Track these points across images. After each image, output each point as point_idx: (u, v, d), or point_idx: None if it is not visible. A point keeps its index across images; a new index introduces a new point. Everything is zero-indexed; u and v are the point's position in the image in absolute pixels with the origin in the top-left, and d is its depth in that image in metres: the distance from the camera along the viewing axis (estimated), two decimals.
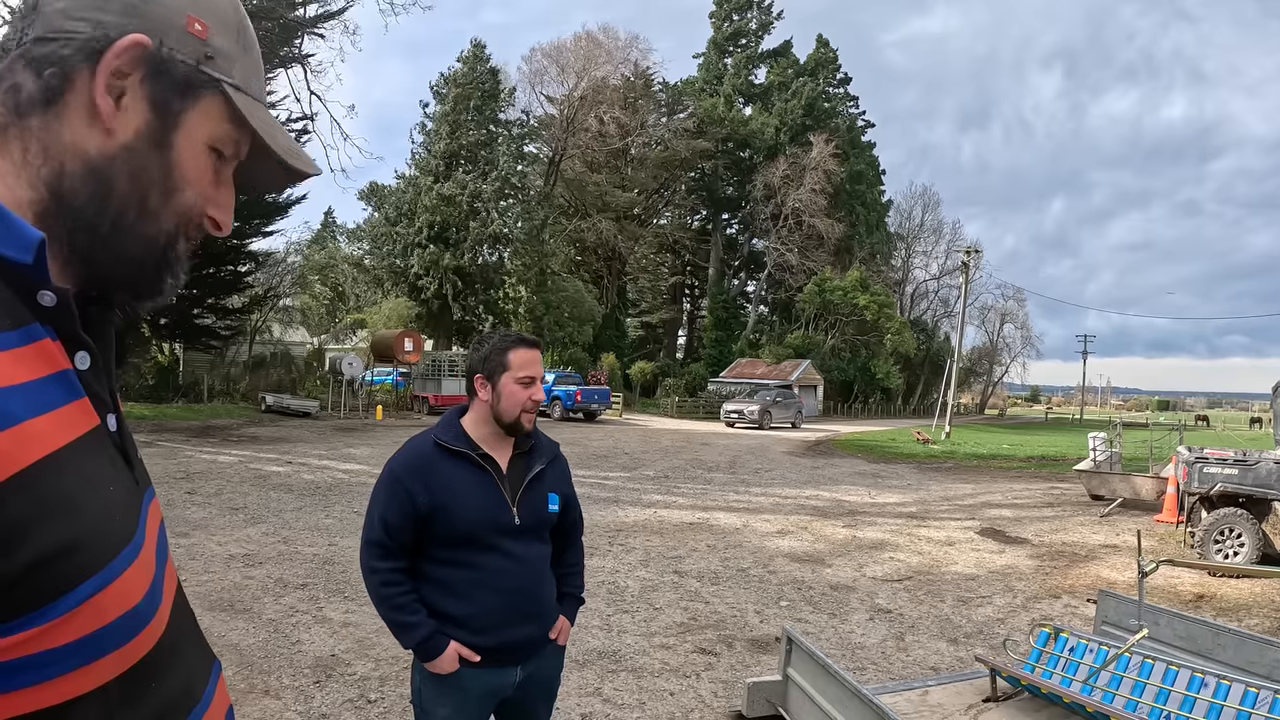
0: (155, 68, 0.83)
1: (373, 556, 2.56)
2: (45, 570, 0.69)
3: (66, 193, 0.80)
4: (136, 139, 0.83)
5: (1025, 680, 3.75)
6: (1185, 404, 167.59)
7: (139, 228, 0.85)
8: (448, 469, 2.56)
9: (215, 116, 0.89)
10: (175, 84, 0.85)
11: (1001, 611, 7.68)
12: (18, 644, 0.68)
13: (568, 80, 56.49)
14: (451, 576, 2.55)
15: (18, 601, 0.68)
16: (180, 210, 0.88)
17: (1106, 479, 15.18)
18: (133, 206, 0.84)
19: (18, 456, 0.68)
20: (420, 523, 2.52)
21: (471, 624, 2.53)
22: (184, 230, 0.90)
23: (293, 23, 29.02)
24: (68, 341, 0.80)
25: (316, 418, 29.79)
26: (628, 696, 5.26)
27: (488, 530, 2.55)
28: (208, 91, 0.87)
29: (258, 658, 5.61)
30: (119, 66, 0.81)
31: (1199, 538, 10.09)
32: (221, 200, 0.93)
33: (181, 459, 16.40)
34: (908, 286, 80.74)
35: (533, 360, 2.63)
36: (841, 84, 73.34)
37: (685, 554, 9.56)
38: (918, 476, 19.97)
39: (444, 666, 2.50)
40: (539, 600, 2.67)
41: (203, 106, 0.87)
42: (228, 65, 0.89)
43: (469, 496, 2.54)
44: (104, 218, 0.82)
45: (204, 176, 0.90)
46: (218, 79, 0.88)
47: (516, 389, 2.59)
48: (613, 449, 23.47)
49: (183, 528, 9.49)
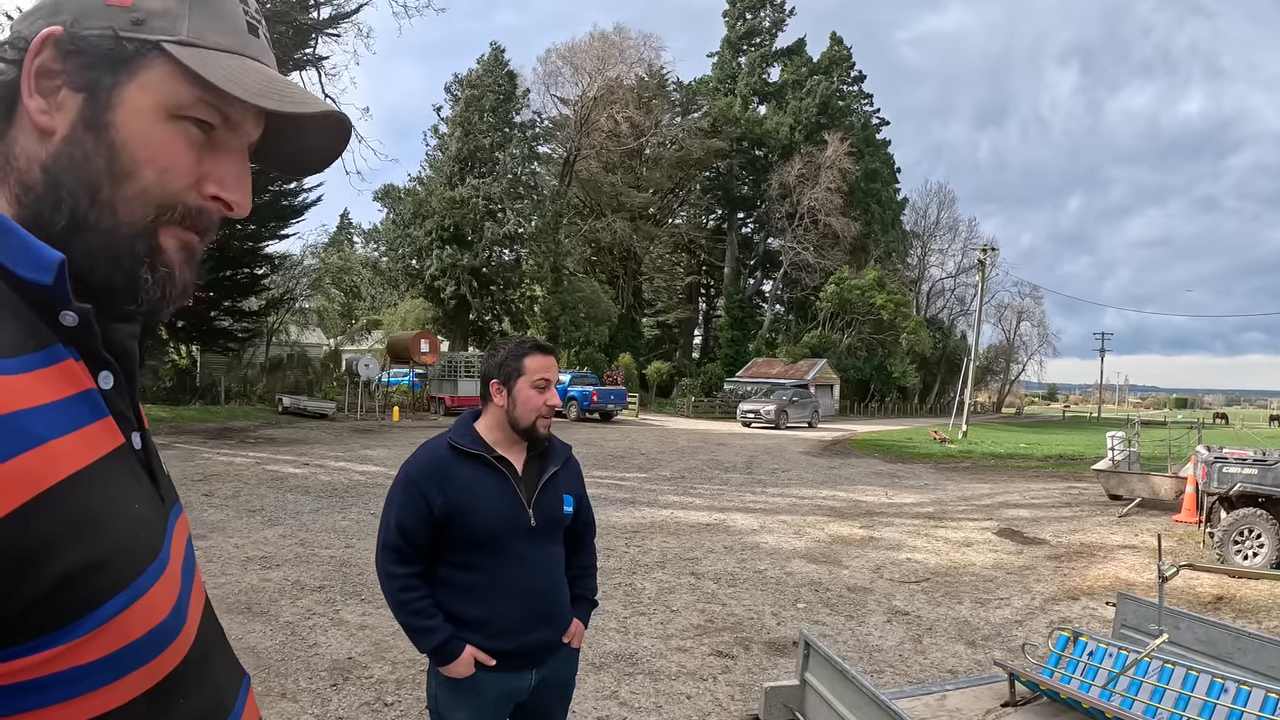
0: (71, 51, 0.79)
1: (390, 561, 2.55)
2: (71, 588, 0.70)
3: (32, 201, 0.80)
4: (73, 129, 0.80)
5: (1044, 685, 3.72)
6: (1203, 402, 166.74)
7: (95, 221, 0.80)
8: (464, 472, 2.56)
9: (164, 81, 0.82)
10: (97, 61, 0.80)
11: (1020, 613, 7.64)
12: (45, 661, 0.69)
13: (582, 81, 56.58)
14: (467, 580, 2.55)
15: (44, 619, 0.68)
16: (148, 196, 0.82)
17: (1125, 479, 15.08)
18: (83, 199, 0.80)
19: (43, 476, 0.69)
20: (437, 526, 2.52)
21: (487, 628, 2.53)
22: (168, 220, 0.84)
23: (307, 25, 29.11)
24: (91, 361, 0.80)
25: (333, 419, 29.90)
26: (644, 700, 5.26)
27: (505, 533, 2.55)
28: (145, 58, 0.81)
29: (275, 660, 5.63)
30: (43, 64, 0.79)
31: (1218, 538, 10.01)
32: (224, 176, 0.87)
33: (199, 461, 16.50)
34: (924, 285, 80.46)
35: (548, 366, 2.64)
36: (855, 82, 73.13)
37: (702, 555, 9.55)
38: (935, 476, 19.91)
39: (460, 671, 2.49)
40: (554, 603, 2.67)
41: (144, 76, 0.81)
42: (168, 24, 0.82)
43: (486, 499, 2.54)
44: (59, 216, 0.79)
45: (171, 153, 0.83)
46: (151, 40, 0.81)
47: (532, 394, 2.59)
48: (629, 449, 23.48)
49: (200, 530, 9.54)
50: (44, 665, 0.69)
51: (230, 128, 0.87)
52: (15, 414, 0.69)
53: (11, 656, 0.67)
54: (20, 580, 0.66)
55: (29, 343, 0.74)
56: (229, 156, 0.88)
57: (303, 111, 0.88)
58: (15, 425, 0.68)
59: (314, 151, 0.99)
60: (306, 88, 12.68)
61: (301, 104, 0.88)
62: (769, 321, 65.44)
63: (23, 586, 0.67)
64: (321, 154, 1.00)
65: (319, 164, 1.02)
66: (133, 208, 0.82)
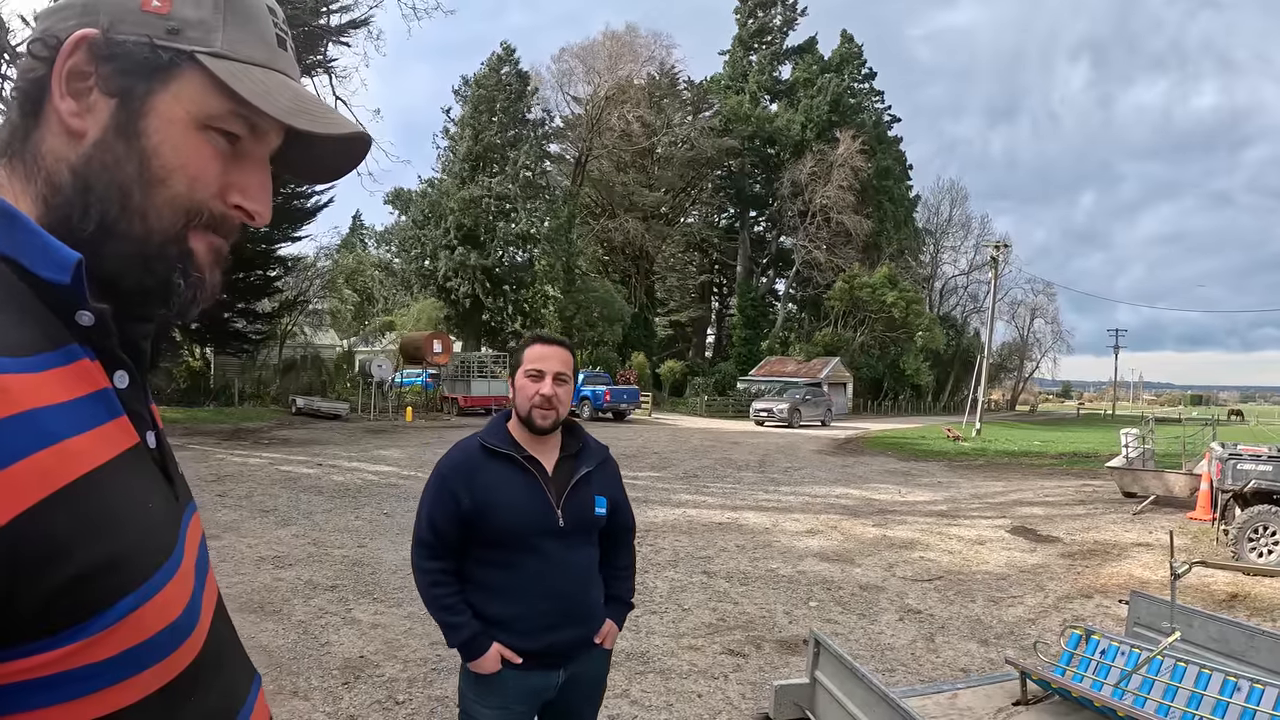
0: (106, 56, 0.80)
1: (421, 556, 2.60)
2: (85, 586, 0.70)
3: (60, 204, 0.80)
4: (104, 134, 0.80)
5: (1056, 683, 3.71)
6: (1218, 398, 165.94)
7: (125, 227, 0.81)
8: (493, 470, 2.58)
9: (197, 92, 0.82)
10: (132, 67, 0.80)
11: (1033, 611, 7.61)
12: (59, 658, 0.69)
13: (594, 80, 56.62)
14: (495, 578, 2.57)
15: (58, 616, 0.69)
16: (178, 203, 0.83)
17: (1139, 476, 15.00)
18: (113, 205, 0.80)
19: (59, 474, 0.69)
20: (465, 523, 2.54)
21: (514, 626, 2.54)
22: (196, 225, 0.85)
23: (318, 30, 29.19)
24: (106, 361, 0.81)
25: (346, 420, 30.00)
26: (655, 698, 5.26)
27: (530, 532, 2.55)
28: (179, 68, 0.82)
29: (287, 659, 5.65)
30: (75, 66, 0.80)
31: (1233, 535, 9.95)
32: (247, 186, 0.88)
33: (213, 462, 16.57)
34: (936, 282, 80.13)
35: (546, 355, 2.62)
36: (867, 79, 72.89)
37: (714, 554, 9.54)
38: (948, 474, 19.86)
39: (486, 667, 2.51)
40: (583, 604, 2.66)
41: (177, 85, 0.82)
42: (203, 34, 0.82)
43: (512, 498, 2.54)
44: (88, 221, 0.80)
45: (200, 162, 0.84)
46: (186, 50, 0.81)
47: (526, 383, 2.60)
48: (642, 448, 23.49)
49: (214, 530, 9.59)
50: (57, 662, 0.69)
51: (256, 139, 0.88)
52: (31, 412, 0.69)
53: (25, 654, 0.68)
54: (35, 578, 0.67)
55: (45, 342, 0.74)
56: (253, 166, 0.89)
57: (332, 133, 0.89)
58: (31, 423, 0.69)
59: (331, 163, 1.00)
60: (318, 92, 12.55)
61: (331, 125, 0.89)
62: (782, 320, 65.30)
63: (37, 584, 0.67)
64: (338, 166, 1.01)
65: (334, 175, 1.03)
66: (163, 215, 0.83)
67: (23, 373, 0.70)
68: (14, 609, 0.67)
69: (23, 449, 0.67)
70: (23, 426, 0.68)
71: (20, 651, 0.68)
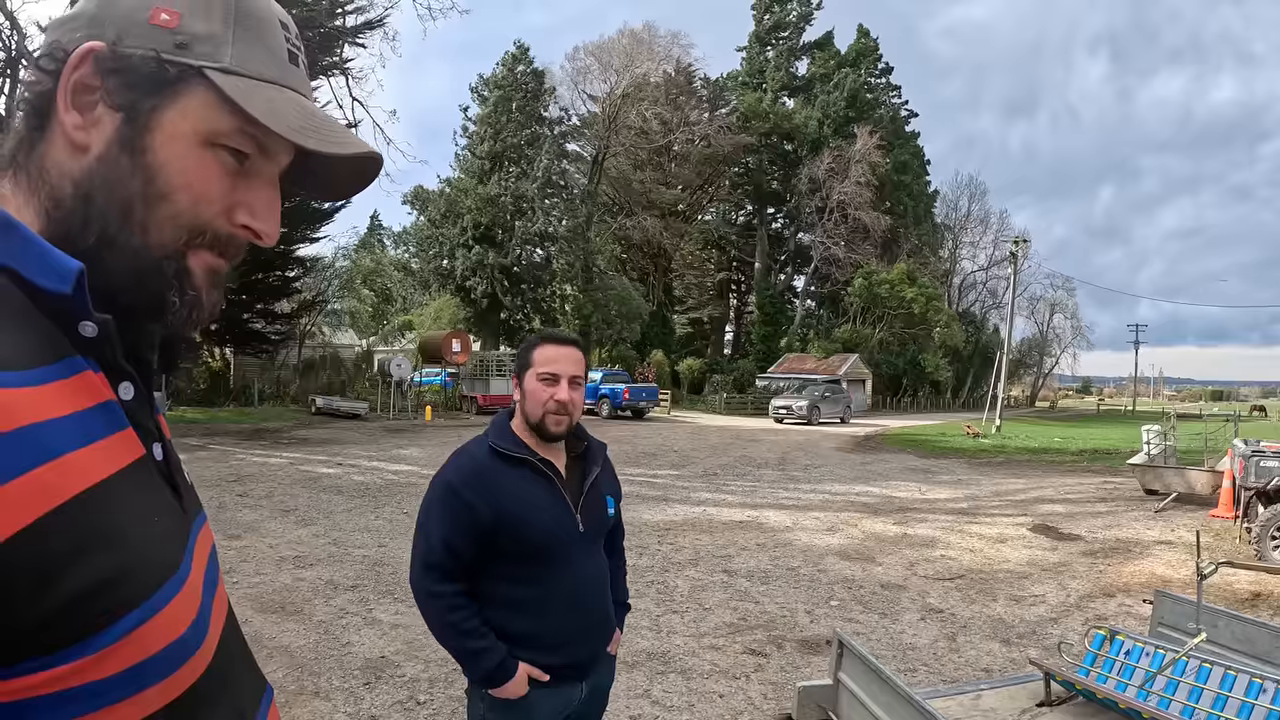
0: (112, 69, 0.78)
1: (432, 581, 2.36)
2: (88, 603, 0.69)
3: (63, 216, 0.79)
4: (108, 148, 0.79)
5: (1080, 684, 3.69)
6: (1239, 394, 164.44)
7: (125, 242, 0.80)
8: (511, 478, 2.39)
9: (204, 108, 0.81)
10: (138, 82, 0.79)
11: (1055, 611, 7.57)
12: (63, 676, 0.68)
13: (610, 78, 56.64)
14: (518, 594, 2.38)
15: (61, 633, 0.68)
16: (180, 220, 0.82)
17: (1161, 473, 14.88)
18: (114, 220, 0.79)
19: (60, 490, 0.68)
20: (485, 538, 2.34)
21: (540, 642, 2.37)
22: (198, 244, 0.84)
23: (333, 32, 29.29)
24: (110, 372, 0.79)
25: (366, 419, 30.11)
26: (677, 699, 5.25)
27: (557, 542, 2.38)
28: (186, 83, 0.80)
29: (308, 659, 5.67)
30: (81, 79, 0.79)
31: (1255, 534, 9.84)
32: (255, 205, 0.87)
33: (233, 462, 16.67)
34: (955, 278, 79.92)
35: (559, 357, 2.44)
36: (884, 74, 72.66)
37: (735, 553, 9.53)
38: (968, 471, 19.77)
39: (513, 691, 2.32)
40: (605, 611, 2.54)
41: (184, 101, 0.80)
42: (212, 49, 0.81)
43: (538, 507, 2.37)
44: (88, 234, 0.79)
45: (205, 179, 0.82)
46: (194, 65, 0.80)
47: (538, 387, 2.41)
48: (661, 446, 23.49)
49: (234, 530, 9.64)
50: (61, 680, 0.68)
51: (265, 157, 0.87)
52: (31, 427, 0.68)
53: (27, 671, 0.67)
54: (36, 595, 0.66)
55: (46, 354, 0.73)
56: (260, 185, 0.88)
57: (341, 153, 0.87)
58: (31, 438, 0.68)
59: (342, 182, 0.99)
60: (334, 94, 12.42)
61: (341, 145, 0.87)
62: (800, 317, 65.15)
63: (39, 601, 0.66)
64: (348, 185, 0.99)
65: (345, 194, 1.03)
66: (164, 231, 0.81)
67: (22, 387, 0.69)
68: (15, 626, 0.66)
69: (22, 464, 0.66)
70: (22, 442, 0.67)
71: (22, 669, 0.67)
